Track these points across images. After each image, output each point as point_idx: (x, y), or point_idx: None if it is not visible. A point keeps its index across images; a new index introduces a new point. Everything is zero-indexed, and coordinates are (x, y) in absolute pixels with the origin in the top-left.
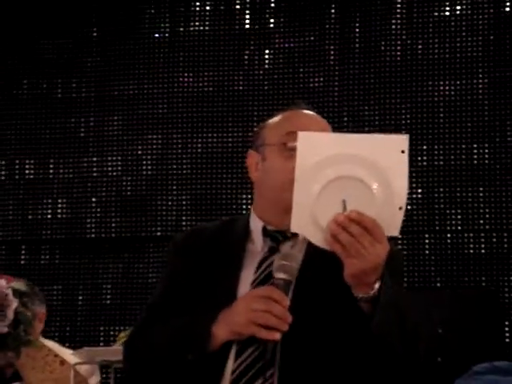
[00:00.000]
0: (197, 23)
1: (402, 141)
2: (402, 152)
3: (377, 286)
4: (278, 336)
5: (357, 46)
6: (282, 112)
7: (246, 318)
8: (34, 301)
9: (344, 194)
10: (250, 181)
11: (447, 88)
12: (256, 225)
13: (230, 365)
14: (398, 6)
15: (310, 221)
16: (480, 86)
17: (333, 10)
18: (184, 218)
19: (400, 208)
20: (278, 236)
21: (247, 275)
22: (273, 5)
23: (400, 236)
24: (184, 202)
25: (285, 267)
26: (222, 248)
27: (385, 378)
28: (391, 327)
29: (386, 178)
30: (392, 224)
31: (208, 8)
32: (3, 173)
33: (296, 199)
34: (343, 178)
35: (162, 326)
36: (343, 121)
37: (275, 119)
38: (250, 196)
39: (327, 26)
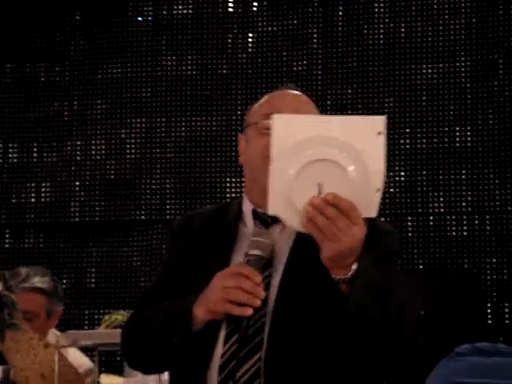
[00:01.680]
0: (180, 6)
1: (378, 122)
2: (379, 133)
3: (354, 267)
4: (249, 312)
5: (340, 29)
6: (268, 94)
7: (218, 296)
8: (53, 300)
9: (320, 177)
10: (235, 164)
11: (430, 71)
12: (247, 207)
13: (219, 348)
14: None
15: (286, 204)
16: (462, 69)
17: None
18: (168, 201)
19: (378, 190)
20: (267, 218)
21: (238, 258)
22: None
23: (383, 218)
24: (168, 186)
25: (257, 243)
26: (216, 231)
27: (371, 361)
28: (371, 309)
29: (362, 160)
30: (369, 206)
31: None
32: None
33: (272, 182)
34: (319, 160)
35: (152, 310)
36: (326, 104)
37: (259, 101)
38: (234, 179)
39: (310, 10)
